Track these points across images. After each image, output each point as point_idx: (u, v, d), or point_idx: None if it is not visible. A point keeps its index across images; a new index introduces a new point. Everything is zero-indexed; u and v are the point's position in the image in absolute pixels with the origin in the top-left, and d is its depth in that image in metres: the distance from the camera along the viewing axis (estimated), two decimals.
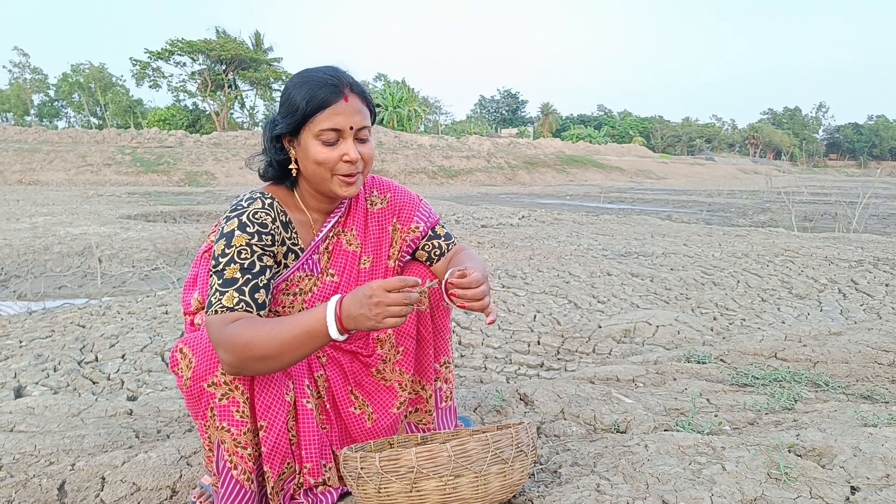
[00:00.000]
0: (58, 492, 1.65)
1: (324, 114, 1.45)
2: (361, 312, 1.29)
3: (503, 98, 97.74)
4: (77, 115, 64.12)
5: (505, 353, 3.69)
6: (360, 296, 1.30)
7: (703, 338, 3.76)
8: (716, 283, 5.48)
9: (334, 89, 1.46)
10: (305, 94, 1.46)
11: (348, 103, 1.47)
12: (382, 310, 1.28)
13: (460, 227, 10.63)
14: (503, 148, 41.71)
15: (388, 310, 1.28)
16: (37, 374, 3.31)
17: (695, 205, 17.55)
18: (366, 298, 1.29)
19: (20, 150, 28.07)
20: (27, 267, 7.22)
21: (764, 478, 1.27)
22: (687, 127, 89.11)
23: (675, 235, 9.07)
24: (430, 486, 1.25)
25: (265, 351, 1.32)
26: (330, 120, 1.45)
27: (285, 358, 1.34)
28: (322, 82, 1.46)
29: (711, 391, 2.23)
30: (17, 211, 12.66)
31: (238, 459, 1.43)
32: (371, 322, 1.29)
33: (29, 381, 3.21)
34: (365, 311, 1.28)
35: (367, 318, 1.29)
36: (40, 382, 3.20)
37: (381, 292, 1.28)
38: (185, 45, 47.02)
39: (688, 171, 46.90)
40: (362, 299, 1.29)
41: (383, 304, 1.28)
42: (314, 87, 1.46)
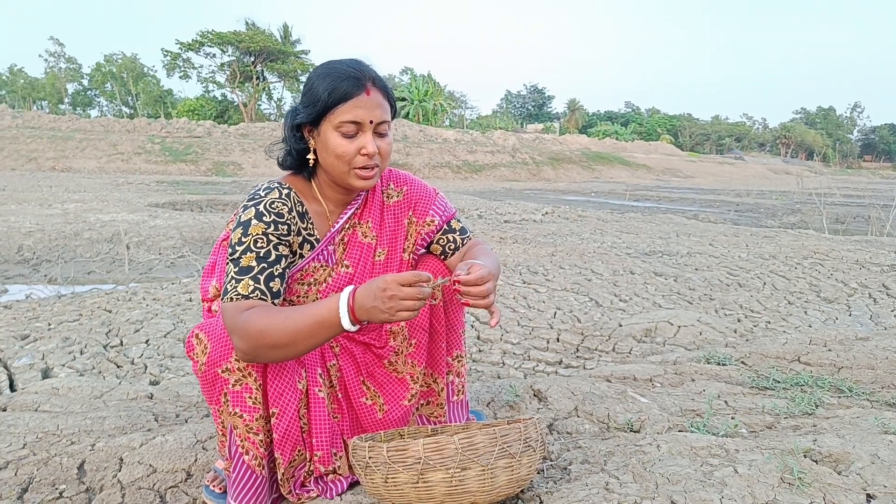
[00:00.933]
0: (77, 471, 1.68)
1: (345, 106, 1.46)
2: (375, 305, 1.30)
3: (529, 93, 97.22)
4: (109, 105, 65.19)
5: (523, 349, 3.68)
6: (373, 288, 1.30)
7: (725, 339, 3.71)
8: (741, 285, 5.41)
9: (357, 82, 1.47)
10: (328, 86, 1.46)
11: (370, 97, 1.47)
12: (396, 303, 1.28)
13: (483, 221, 10.60)
14: (528, 143, 41.51)
15: (401, 303, 1.28)
16: (64, 357, 3.38)
17: (722, 204, 17.31)
18: (380, 291, 1.29)
19: (54, 138, 28.63)
20: (58, 252, 7.37)
21: (777, 482, 1.25)
22: (716, 125, 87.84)
23: (700, 235, 8.96)
24: (437, 478, 1.26)
25: (278, 339, 1.33)
26: (350, 112, 1.46)
27: (298, 346, 1.36)
28: (345, 75, 1.47)
29: (730, 393, 2.20)
30: (50, 197, 12.92)
31: (250, 445, 1.45)
32: (384, 315, 1.30)
33: (56, 364, 3.27)
34: (378, 304, 1.29)
35: (380, 310, 1.30)
36: (67, 365, 3.27)
37: (395, 286, 1.28)
38: (216, 36, 47.48)
39: (716, 171, 46.28)
40: (376, 292, 1.30)
41: (397, 298, 1.28)
42: (337, 78, 1.47)
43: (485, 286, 1.40)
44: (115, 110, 62.27)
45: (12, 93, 60.64)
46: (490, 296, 1.41)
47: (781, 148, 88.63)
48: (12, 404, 2.27)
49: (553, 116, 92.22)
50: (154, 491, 1.63)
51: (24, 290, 5.64)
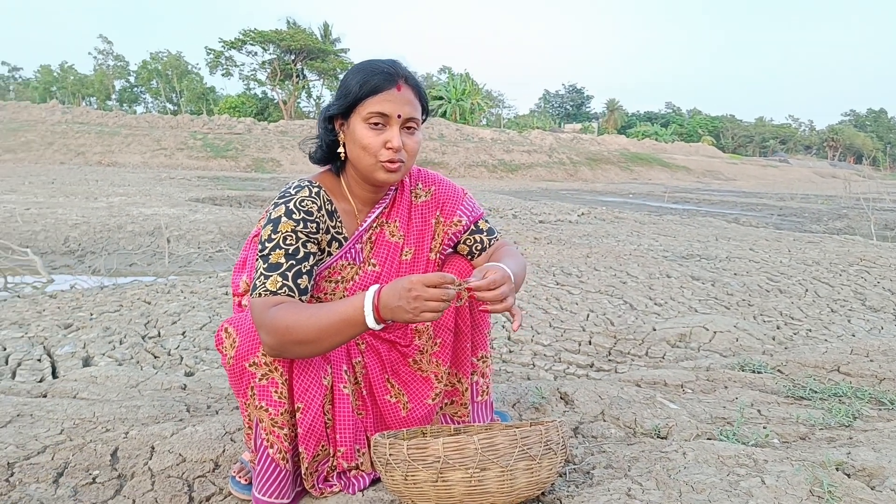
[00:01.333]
0: (110, 457, 1.73)
1: (374, 98, 1.48)
2: (399, 305, 1.30)
3: (568, 93, 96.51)
4: (154, 101, 66.80)
5: (554, 351, 3.65)
6: (399, 288, 1.31)
7: (763, 346, 3.63)
8: (782, 291, 5.28)
9: (389, 77, 1.49)
10: (360, 79, 1.49)
11: (400, 93, 1.49)
12: (421, 304, 1.29)
13: (517, 221, 10.56)
14: (566, 143, 41.20)
15: (426, 304, 1.29)
16: (104, 346, 3.47)
17: (765, 208, 16.93)
18: (405, 291, 1.30)
19: (101, 133, 29.45)
20: (102, 244, 7.58)
21: (805, 495, 1.21)
22: (760, 127, 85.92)
23: (741, 239, 8.78)
24: (456, 477, 1.25)
25: (304, 335, 1.35)
26: (379, 104, 1.48)
27: (323, 343, 1.37)
28: (378, 70, 1.50)
29: (764, 402, 2.15)
30: (96, 191, 13.29)
31: (275, 438, 1.47)
32: (409, 315, 1.30)
33: (96, 352, 3.36)
34: (403, 304, 1.30)
35: (404, 310, 1.30)
36: (106, 354, 3.35)
37: (420, 286, 1.29)
38: (257, 35, 48.26)
39: (759, 173, 45.28)
40: (401, 292, 1.30)
41: (422, 299, 1.29)
42: (370, 73, 1.50)
43: (499, 290, 1.38)
44: (159, 107, 63.77)
45: (63, 89, 62.57)
46: (507, 299, 1.40)
47: (829, 151, 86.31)
48: (52, 391, 2.35)
49: (591, 116, 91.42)
50: (182, 479, 1.66)
51: (70, 280, 5.82)
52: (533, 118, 74.69)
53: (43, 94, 59.68)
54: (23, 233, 7.56)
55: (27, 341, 3.48)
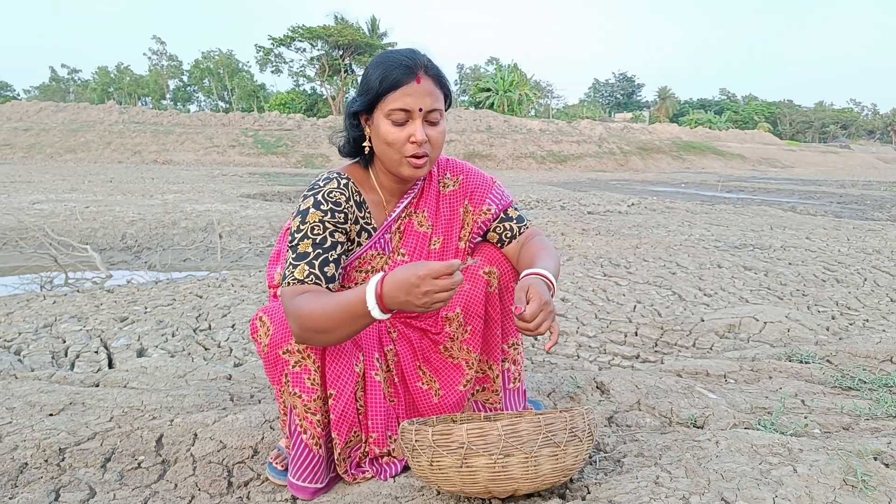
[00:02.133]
0: (156, 443, 1.80)
1: (395, 94, 1.49)
2: (408, 300, 1.30)
3: (618, 81, 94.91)
4: (207, 99, 68.61)
5: (600, 342, 3.61)
6: (406, 283, 1.30)
7: (816, 337, 3.51)
8: (839, 281, 5.10)
9: (408, 70, 1.49)
10: (380, 74, 1.50)
11: (420, 85, 1.50)
12: (430, 297, 1.29)
13: (565, 213, 10.46)
14: (616, 133, 40.52)
15: (436, 296, 1.29)
16: (157, 339, 3.59)
17: (824, 196, 16.32)
18: (413, 287, 1.29)
19: (156, 132, 30.38)
20: (157, 240, 7.84)
21: (838, 484, 1.18)
22: (820, 112, 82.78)
23: (797, 228, 8.51)
24: (480, 463, 1.26)
25: (320, 324, 1.37)
26: (400, 100, 1.49)
27: (337, 333, 1.38)
28: (397, 63, 1.50)
29: (809, 392, 2.09)
30: (152, 188, 13.74)
31: (308, 424, 1.51)
32: (419, 308, 1.31)
33: (150, 345, 3.49)
34: (412, 299, 1.30)
35: (414, 304, 1.30)
36: (159, 346, 3.47)
37: (429, 281, 1.28)
38: (306, 31, 48.97)
39: (818, 160, 43.62)
40: (409, 287, 1.29)
41: (431, 293, 1.29)
42: (389, 67, 1.50)
43: (537, 320, 1.38)
44: (211, 105, 65.47)
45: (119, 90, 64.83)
46: (544, 324, 1.39)
47: (893, 135, 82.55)
48: (105, 380, 2.45)
49: (642, 105, 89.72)
50: (223, 465, 1.72)
51: (127, 275, 6.05)
52: (582, 108, 73.76)
53: (101, 95, 61.99)
54: (83, 230, 7.88)
55: (85, 334, 3.64)
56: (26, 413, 1.95)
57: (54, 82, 75.79)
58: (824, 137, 75.43)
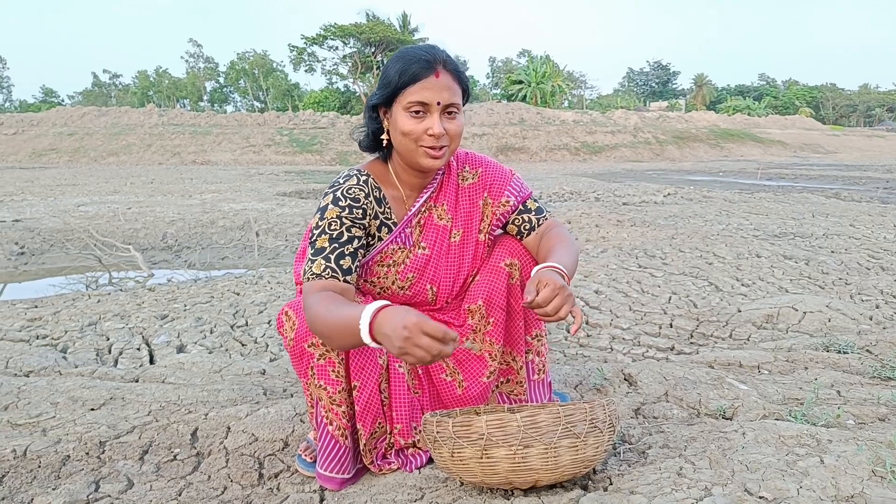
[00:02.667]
0: (191, 436, 1.86)
1: (414, 87, 1.51)
2: (389, 336, 1.24)
3: (653, 70, 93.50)
4: (243, 100, 69.72)
5: (633, 334, 3.57)
6: (394, 320, 1.24)
7: (858, 327, 3.42)
8: (884, 268, 4.95)
9: (427, 65, 1.51)
10: (399, 68, 1.53)
11: (438, 79, 1.52)
12: (409, 347, 1.22)
13: (600, 204, 10.36)
14: (651, 122, 39.89)
15: (413, 350, 1.22)
16: (196, 335, 3.68)
17: (869, 181, 15.83)
18: (400, 328, 1.22)
19: (195, 133, 31.01)
20: (196, 239, 8.01)
21: (867, 475, 1.15)
22: (865, 95, 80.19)
23: (840, 215, 8.28)
24: (501, 454, 1.28)
25: (321, 329, 1.38)
26: (418, 93, 1.51)
27: (335, 342, 1.38)
28: (416, 58, 1.53)
29: (845, 383, 2.04)
30: (190, 188, 14.04)
31: (333, 416, 1.54)
32: (394, 350, 1.24)
33: (189, 341, 3.57)
34: (393, 339, 1.23)
35: (392, 344, 1.24)
36: (198, 343, 3.55)
37: (416, 332, 1.21)
38: (338, 29, 49.36)
39: (863, 145, 42.28)
40: (396, 327, 1.23)
41: (412, 343, 1.21)
42: (408, 61, 1.53)
43: (553, 304, 1.37)
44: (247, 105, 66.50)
45: (159, 93, 66.34)
46: (562, 309, 1.38)
47: None
48: (144, 376, 2.53)
49: (678, 93, 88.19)
50: (254, 457, 1.76)
51: (167, 274, 6.20)
52: (616, 98, 72.94)
53: (141, 98, 63.52)
54: (125, 231, 8.10)
55: (128, 332, 3.74)
56: (69, 408, 2.02)
57: (97, 87, 77.99)
58: (870, 121, 73.13)
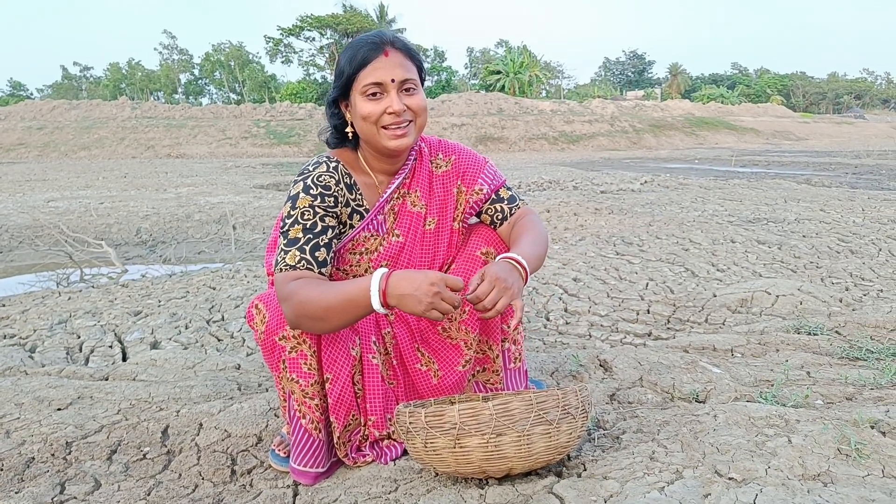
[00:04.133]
0: (161, 434, 1.83)
1: (365, 70, 1.51)
2: (414, 295, 1.32)
3: (629, 59, 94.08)
4: (218, 92, 68.85)
5: (612, 321, 3.59)
6: (419, 279, 1.33)
7: (829, 309, 3.47)
8: (853, 252, 5.03)
9: (374, 47, 1.52)
10: (349, 56, 1.54)
11: (388, 58, 1.52)
12: (437, 301, 1.32)
13: (578, 193, 10.40)
14: (628, 111, 40.11)
15: (440, 304, 1.33)
16: (170, 331, 3.62)
17: (839, 167, 16.07)
18: (427, 284, 1.32)
19: (169, 126, 30.55)
20: (172, 233, 7.91)
21: (833, 453, 1.17)
22: (833, 83, 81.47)
23: (811, 200, 8.40)
24: (473, 443, 1.27)
25: (314, 312, 1.38)
26: (371, 75, 1.51)
27: (331, 321, 1.40)
28: (364, 42, 1.53)
29: (814, 364, 2.07)
30: (165, 182, 13.84)
31: (306, 409, 1.52)
32: (420, 307, 1.33)
33: (163, 337, 3.52)
34: (419, 295, 1.32)
35: (418, 301, 1.32)
36: (172, 339, 3.50)
37: (442, 285, 1.33)
38: (314, 20, 48.91)
39: (833, 131, 42.90)
40: (421, 284, 1.32)
41: (440, 297, 1.32)
42: (357, 48, 1.53)
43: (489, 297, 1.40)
44: (223, 97, 65.70)
45: (131, 85, 65.25)
46: (499, 301, 1.40)
47: None
48: (114, 374, 2.49)
49: (654, 82, 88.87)
50: (226, 454, 1.74)
51: (142, 269, 6.10)
52: (593, 87, 73.25)
53: (113, 91, 62.43)
54: (98, 226, 7.96)
55: (100, 329, 3.68)
56: (34, 408, 1.98)
57: (67, 80, 76.47)
58: (838, 108, 74.25)
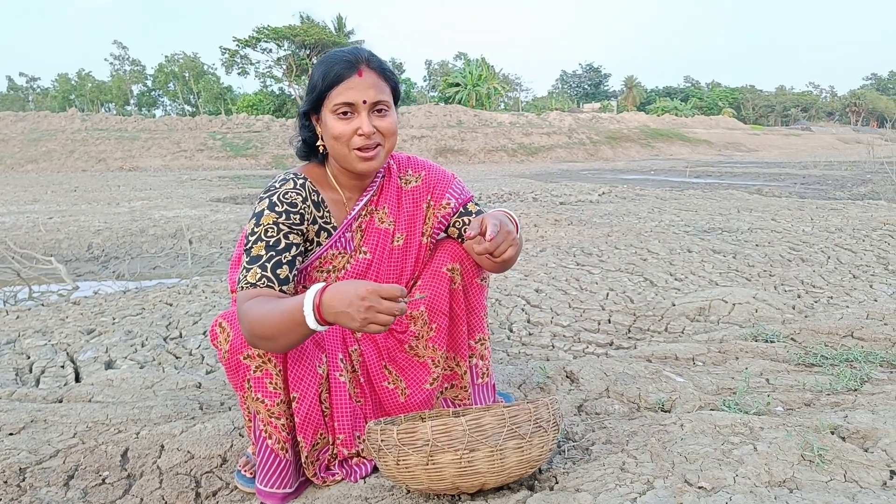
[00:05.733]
0: (121, 458, 1.77)
1: (338, 88, 1.50)
2: (347, 311, 1.25)
3: (585, 72, 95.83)
4: (172, 104, 67.67)
5: (574, 331, 3.63)
6: (350, 295, 1.25)
7: (783, 316, 3.58)
8: (804, 260, 5.20)
9: (349, 65, 1.50)
10: (322, 71, 1.51)
11: (362, 78, 1.50)
12: (372, 315, 1.24)
13: (538, 204, 10.51)
14: (585, 123, 40.80)
15: (377, 316, 1.24)
16: (126, 350, 3.52)
17: (788, 178, 16.63)
18: (357, 299, 1.24)
19: (121, 139, 29.88)
20: (125, 249, 7.71)
21: (796, 459, 1.20)
22: (781, 96, 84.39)
23: (763, 210, 8.65)
24: (446, 459, 1.26)
25: (262, 332, 1.35)
26: (343, 94, 1.49)
27: (279, 341, 1.35)
28: (338, 59, 1.51)
29: (773, 371, 2.12)
30: (118, 196, 13.50)
31: (273, 429, 1.49)
32: (355, 324, 1.26)
33: (118, 356, 3.42)
34: (352, 312, 1.25)
35: (351, 318, 1.25)
36: (128, 357, 3.40)
37: (375, 297, 1.24)
38: (271, 31, 48.52)
39: (781, 143, 44.43)
40: (353, 299, 1.24)
41: (374, 310, 1.24)
42: (331, 64, 1.51)
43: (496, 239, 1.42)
44: (178, 109, 64.61)
45: (81, 97, 63.64)
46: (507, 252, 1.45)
47: (851, 116, 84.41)
48: (68, 395, 2.40)
49: (610, 95, 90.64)
50: (190, 476, 1.69)
51: (94, 286, 5.93)
52: (551, 100, 74.33)
53: (62, 102, 60.78)
54: (46, 242, 7.71)
55: (50, 348, 3.56)
56: None
57: (12, 91, 74.21)
58: (786, 120, 76.87)
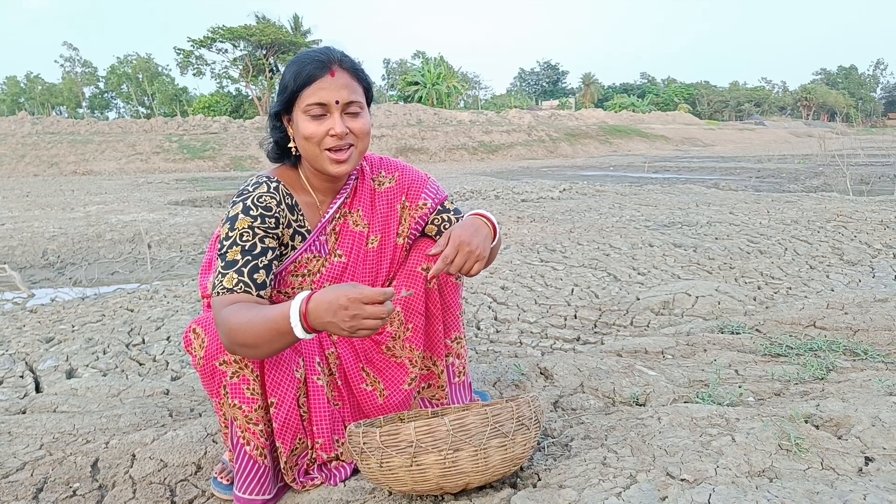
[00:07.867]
0: (91, 468, 1.72)
1: (310, 89, 1.48)
2: (333, 321, 1.25)
3: (543, 70, 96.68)
4: (126, 106, 66.10)
5: (541, 327, 3.65)
6: (334, 304, 1.25)
7: (745, 308, 3.66)
8: (762, 252, 5.33)
9: (321, 65, 1.48)
10: (294, 72, 1.49)
11: (334, 78, 1.48)
12: (358, 322, 1.25)
13: (500, 202, 10.56)
14: (544, 121, 41.15)
15: (363, 322, 1.25)
16: (87, 358, 3.43)
17: (743, 171, 17.04)
18: (340, 309, 1.24)
19: (74, 142, 29.04)
20: (82, 254, 7.49)
21: (774, 449, 1.24)
22: (734, 91, 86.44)
23: (720, 204, 8.84)
24: (430, 460, 1.26)
25: (244, 339, 1.33)
26: (315, 94, 1.47)
27: (262, 349, 1.34)
28: (310, 59, 1.49)
29: (741, 362, 2.17)
30: (72, 201, 13.12)
31: (250, 436, 1.47)
32: (343, 332, 1.27)
33: (80, 364, 3.32)
34: (337, 321, 1.25)
35: (338, 327, 1.26)
36: (90, 365, 3.31)
37: (357, 305, 1.24)
38: (227, 31, 47.73)
39: (736, 137, 45.47)
40: (336, 309, 1.25)
41: (359, 318, 1.24)
42: (303, 64, 1.49)
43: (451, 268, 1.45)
44: (132, 111, 63.13)
45: (31, 99, 61.71)
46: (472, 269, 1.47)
47: (803, 111, 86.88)
48: (32, 406, 2.33)
49: (568, 92, 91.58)
50: (164, 485, 1.66)
51: (50, 293, 5.75)
52: (510, 97, 74.73)
53: (11, 105, 58.84)
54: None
55: (8, 358, 3.44)
56: None
57: None
58: (740, 115, 78.68)
